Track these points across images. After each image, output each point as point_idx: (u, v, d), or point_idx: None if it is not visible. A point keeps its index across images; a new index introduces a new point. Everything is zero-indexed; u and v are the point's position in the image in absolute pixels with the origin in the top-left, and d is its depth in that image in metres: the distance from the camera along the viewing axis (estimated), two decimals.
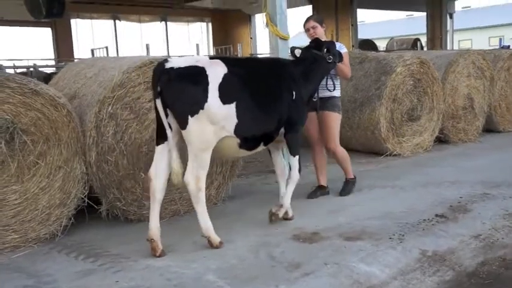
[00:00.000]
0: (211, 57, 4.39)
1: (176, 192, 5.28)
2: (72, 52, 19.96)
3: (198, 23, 26.08)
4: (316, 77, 5.09)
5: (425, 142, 8.32)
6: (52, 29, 20.42)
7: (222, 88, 4.14)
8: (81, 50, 20.84)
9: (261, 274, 3.84)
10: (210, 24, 25.14)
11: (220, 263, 4.05)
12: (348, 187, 5.92)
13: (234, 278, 3.78)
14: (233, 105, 4.22)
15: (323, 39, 5.44)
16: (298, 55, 5.16)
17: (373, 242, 4.39)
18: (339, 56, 5.32)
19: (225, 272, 3.90)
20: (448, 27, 24.23)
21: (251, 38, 24.95)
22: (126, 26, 23.30)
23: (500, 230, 4.68)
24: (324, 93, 5.55)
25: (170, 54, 21.03)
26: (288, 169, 5.16)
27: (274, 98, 4.59)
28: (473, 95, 9.07)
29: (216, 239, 4.35)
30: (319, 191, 5.90)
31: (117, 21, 22.72)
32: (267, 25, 6.86)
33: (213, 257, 4.18)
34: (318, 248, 4.32)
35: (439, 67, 8.75)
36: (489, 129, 9.75)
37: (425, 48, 22.02)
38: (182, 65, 4.09)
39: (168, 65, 4.08)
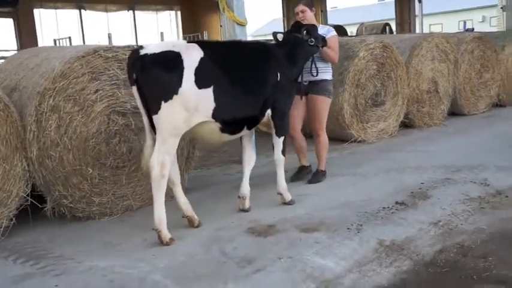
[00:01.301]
0: (189, 41, 4.34)
1: (128, 187, 5.06)
2: (36, 43, 19.34)
3: (167, 12, 25.64)
4: (299, 59, 5.08)
5: (390, 127, 8.22)
6: (14, 20, 19.74)
7: (198, 72, 4.09)
8: (45, 41, 20.29)
9: (210, 271, 3.67)
10: (179, 13, 24.72)
11: (168, 261, 3.87)
12: (317, 177, 5.86)
13: (181, 277, 3.60)
14: (210, 90, 4.17)
15: (312, 23, 5.47)
16: (280, 39, 5.13)
17: (330, 234, 4.25)
18: (323, 40, 5.34)
19: (173, 270, 3.72)
20: (418, 12, 24.32)
21: (221, 26, 24.51)
22: (92, 16, 22.75)
23: (459, 216, 4.59)
24: (311, 77, 5.54)
25: (138, 44, 20.59)
26: (255, 154, 5.16)
27: (257, 81, 4.56)
28: (438, 79, 9.00)
29: (166, 235, 4.19)
30: (303, 170, 5.94)
31: (82, 10, 22.14)
32: (223, 10, 6.64)
33: (162, 255, 3.99)
34: (273, 241, 4.16)
35: (403, 51, 8.64)
36: (454, 112, 9.71)
37: (394, 33, 22.03)
38: (157, 51, 4.04)
39: (142, 52, 4.04)
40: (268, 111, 4.73)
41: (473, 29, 19.16)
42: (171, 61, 4.04)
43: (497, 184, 5.36)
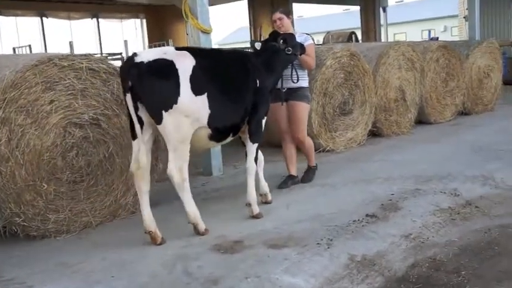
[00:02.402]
0: (177, 48, 4.37)
1: (87, 203, 4.79)
2: None
3: (132, 20, 25.27)
4: (276, 68, 5.16)
5: (358, 136, 8.15)
6: None
7: (193, 80, 4.14)
8: (4, 49, 19.69)
9: None
10: (144, 21, 24.38)
11: (128, 283, 3.62)
12: (309, 174, 6.06)
13: None
14: (205, 96, 4.24)
15: (290, 31, 5.60)
16: (258, 48, 5.14)
17: (299, 249, 4.07)
18: (301, 48, 5.41)
19: None
20: (383, 21, 24.65)
21: (187, 34, 24.29)
22: (54, 24, 22.21)
23: (430, 228, 4.49)
24: (291, 83, 5.64)
25: (103, 52, 20.17)
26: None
27: (240, 88, 4.64)
28: (405, 87, 8.99)
29: (202, 226, 4.42)
30: (290, 180, 5.91)
31: (44, 18, 21.58)
32: (187, 18, 6.45)
33: (122, 276, 3.74)
34: (240, 259, 3.96)
35: (370, 59, 8.59)
36: (421, 120, 9.72)
37: (360, 42, 22.20)
38: (151, 58, 4.04)
39: (137, 59, 4.03)
40: (247, 119, 4.78)
41: (437, 38, 19.47)
42: (166, 70, 4.06)
43: (466, 194, 5.30)
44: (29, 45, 15.97)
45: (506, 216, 4.69)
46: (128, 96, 4.08)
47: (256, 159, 4.92)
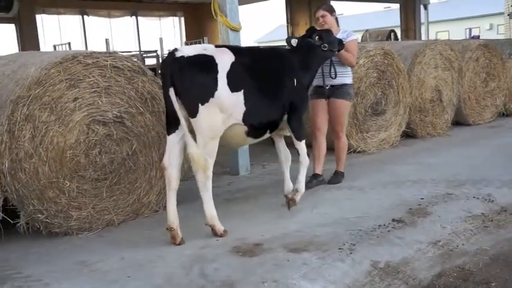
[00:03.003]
0: (216, 46, 4.43)
1: (110, 201, 4.79)
2: (38, 49, 19.22)
3: (171, 18, 25.51)
4: (312, 65, 5.12)
5: (391, 137, 7.92)
6: (16, 25, 19.64)
7: (231, 76, 4.19)
8: (47, 47, 20.15)
9: None
10: (182, 19, 24.58)
11: (143, 284, 3.58)
12: (337, 178, 5.98)
13: None
14: (241, 93, 4.28)
15: (333, 28, 5.57)
16: (294, 44, 5.11)
17: (320, 254, 3.94)
18: (339, 44, 5.35)
19: None
20: (424, 19, 24.05)
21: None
22: (94, 22, 22.63)
23: (460, 235, 4.28)
24: (333, 81, 5.64)
25: (141, 50, 20.41)
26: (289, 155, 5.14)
27: (277, 85, 4.65)
28: (441, 87, 8.69)
29: (220, 227, 4.37)
30: (314, 179, 5.85)
31: (85, 16, 22.03)
32: (216, 15, 6.40)
33: (138, 276, 3.70)
34: (258, 262, 3.86)
35: (405, 58, 8.34)
36: (458, 122, 9.39)
37: (400, 40, 21.71)
38: (192, 54, 4.14)
39: (178, 54, 4.12)
40: (285, 116, 4.78)
41: (479, 36, 18.82)
42: (206, 64, 4.14)
43: (501, 200, 5.04)
44: (69, 43, 16.30)
45: None
46: (171, 91, 4.10)
47: (308, 154, 5.04)
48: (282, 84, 4.69)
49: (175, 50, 4.18)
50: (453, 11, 42.27)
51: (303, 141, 4.96)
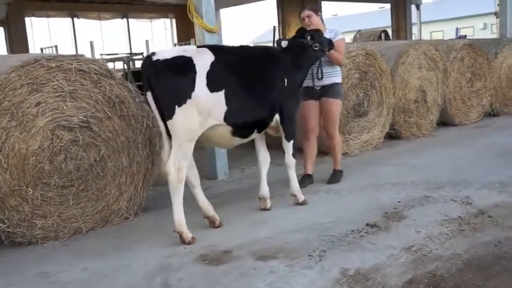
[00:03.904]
0: (199, 46, 4.43)
1: (77, 208, 4.66)
2: (27, 51, 19.08)
3: (162, 19, 25.41)
4: (304, 64, 5.15)
5: (374, 139, 7.81)
6: (5, 28, 19.50)
7: (210, 76, 4.16)
8: (36, 49, 20.00)
9: None
10: (173, 20, 24.48)
11: None
12: (336, 176, 5.99)
13: None
14: (222, 93, 4.24)
15: (320, 27, 5.54)
16: (284, 46, 5.11)
17: (289, 262, 3.82)
18: (329, 44, 5.37)
19: None
20: (416, 19, 24.00)
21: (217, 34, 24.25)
22: (85, 24, 22.52)
23: (435, 239, 4.16)
24: (325, 81, 5.67)
25: (132, 52, 20.30)
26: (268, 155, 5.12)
27: (265, 85, 4.63)
28: (426, 88, 8.58)
29: (188, 235, 4.26)
30: (308, 179, 5.90)
31: (75, 19, 21.90)
32: (192, 17, 6.28)
33: None
34: (224, 271, 3.74)
35: (389, 59, 8.23)
36: (444, 122, 9.27)
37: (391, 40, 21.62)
38: (169, 56, 4.13)
39: (155, 58, 4.11)
40: (277, 116, 4.78)
41: (465, 36, 18.73)
42: (183, 66, 4.11)
43: (480, 203, 4.93)
44: (55, 46, 16.17)
45: None
46: (149, 95, 4.13)
47: (294, 154, 5.04)
48: (272, 83, 4.67)
49: (153, 53, 4.17)
50: (447, 10, 42.26)
51: (291, 142, 4.97)
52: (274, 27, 8.91)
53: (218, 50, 4.36)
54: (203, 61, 4.17)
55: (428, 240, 4.16)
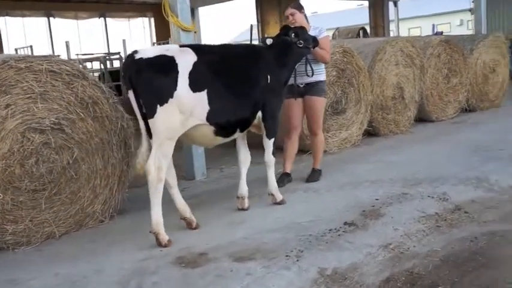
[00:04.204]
0: (181, 46, 4.38)
1: (50, 212, 4.55)
2: (1, 52, 18.72)
3: (140, 18, 25.17)
4: (289, 62, 5.12)
5: (353, 136, 7.81)
6: None
7: (192, 76, 4.14)
8: (11, 50, 19.66)
9: None
10: (152, 19, 24.28)
11: None
12: (315, 175, 5.97)
13: None
14: (204, 93, 4.21)
15: (303, 25, 5.51)
16: (269, 43, 5.08)
17: (266, 262, 3.78)
18: (314, 41, 5.36)
19: None
20: (394, 16, 24.18)
21: (195, 32, 24.15)
22: (61, 24, 22.19)
23: (412, 237, 4.17)
24: (309, 78, 5.64)
25: (110, 52, 20.07)
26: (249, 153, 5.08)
27: (248, 83, 4.61)
28: (403, 84, 8.61)
29: (164, 237, 4.19)
30: (286, 178, 5.88)
31: (51, 18, 21.57)
32: (167, 16, 6.19)
33: None
34: (200, 273, 3.68)
35: (366, 56, 8.24)
36: (422, 118, 9.32)
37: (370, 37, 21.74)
38: (151, 55, 4.10)
39: (137, 56, 4.08)
40: (259, 114, 4.75)
41: (442, 32, 18.92)
42: (165, 65, 4.08)
43: (456, 198, 4.96)
44: (31, 46, 15.90)
45: (495, 222, 4.37)
46: (130, 93, 4.10)
47: (273, 152, 5.02)
48: (254, 81, 4.65)
49: (135, 52, 4.12)
50: (424, 7, 42.69)
51: (272, 140, 4.95)
52: (252, 25, 8.91)
53: (201, 50, 4.33)
54: (186, 61, 4.15)
55: (405, 237, 4.17)
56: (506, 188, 5.20)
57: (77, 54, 15.47)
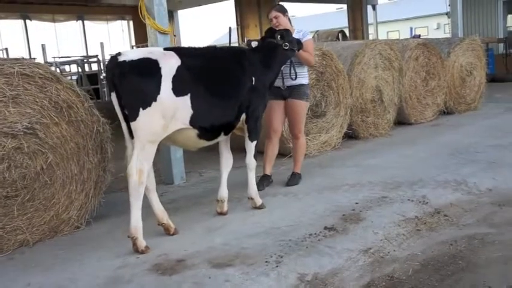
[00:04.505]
0: (165, 49, 4.35)
1: (23, 219, 4.42)
2: None
3: (119, 21, 24.94)
4: (274, 64, 5.12)
5: (333, 139, 7.79)
6: None
7: (176, 80, 4.11)
8: None
9: None
10: (131, 22, 24.08)
11: None
12: (295, 179, 5.94)
13: None
14: (187, 97, 4.19)
15: (287, 28, 5.50)
16: (254, 46, 5.13)
17: (245, 269, 3.73)
18: (298, 44, 5.38)
19: None
20: (372, 20, 24.35)
21: (175, 36, 24.01)
22: (38, 26, 21.85)
23: (392, 241, 4.15)
24: (291, 81, 5.66)
25: (88, 54, 19.82)
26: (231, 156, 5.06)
27: (232, 86, 4.60)
28: (382, 87, 8.63)
29: (142, 243, 4.13)
30: (266, 180, 5.86)
31: (27, 20, 21.23)
32: (144, 18, 6.10)
33: None
34: (178, 281, 3.61)
35: (345, 59, 8.25)
36: (401, 121, 9.36)
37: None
38: (135, 58, 4.06)
39: (121, 58, 4.04)
40: (243, 116, 4.75)
41: (419, 35, 19.13)
42: (149, 68, 4.05)
43: (435, 202, 4.97)
44: (6, 49, 15.62)
45: (474, 226, 4.37)
46: (113, 95, 4.07)
47: (255, 156, 4.98)
48: (239, 84, 4.63)
49: (119, 54, 4.07)
50: (402, 11, 43.11)
51: (255, 142, 4.92)
52: (230, 28, 8.85)
53: (184, 53, 4.30)
54: (169, 65, 4.12)
55: (385, 241, 4.14)
56: (484, 191, 5.22)
57: (54, 57, 15.23)
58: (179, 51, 4.30)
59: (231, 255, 3.97)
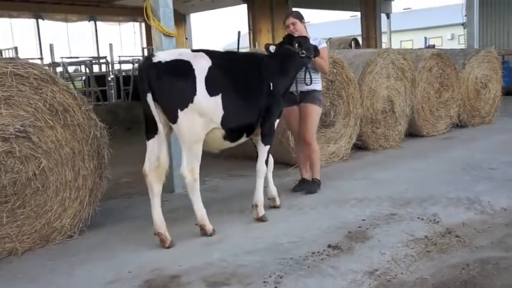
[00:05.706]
0: (192, 51, 4.41)
1: (12, 227, 4.22)
2: None
3: (131, 23, 24.94)
4: (290, 71, 5.17)
5: (341, 150, 7.55)
6: None
7: (208, 80, 4.21)
8: None
9: None
10: (143, 24, 24.06)
11: None
12: (313, 186, 5.84)
13: None
14: (219, 97, 4.29)
15: (303, 34, 5.52)
16: (272, 51, 5.15)
17: None
18: (315, 51, 5.39)
19: None
20: (386, 28, 24.11)
21: (186, 39, 23.93)
22: (50, 26, 21.88)
23: (400, 262, 3.89)
24: (304, 86, 5.67)
25: (100, 55, 19.75)
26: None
27: (254, 90, 4.68)
28: (394, 98, 8.38)
29: (210, 227, 4.48)
30: (304, 184, 5.88)
31: (40, 20, 21.25)
32: (149, 20, 5.92)
33: None
34: None
35: (357, 67, 8.01)
36: (412, 133, 9.08)
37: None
38: (169, 59, 4.14)
39: (155, 59, 4.12)
40: (260, 119, 4.79)
41: (434, 45, 18.85)
42: (183, 69, 4.14)
43: (447, 221, 4.70)
44: (15, 47, 15.55)
45: (488, 248, 4.10)
46: (149, 97, 4.07)
47: (267, 161, 4.96)
48: (259, 89, 4.71)
49: (152, 55, 4.19)
50: (417, 20, 42.82)
51: (268, 147, 4.92)
52: (239, 32, 8.63)
53: (213, 55, 4.38)
54: (201, 65, 4.21)
55: (393, 263, 3.89)
56: (499, 211, 4.95)
57: (62, 58, 15.14)
58: (207, 52, 4.37)
59: (228, 273, 3.74)
